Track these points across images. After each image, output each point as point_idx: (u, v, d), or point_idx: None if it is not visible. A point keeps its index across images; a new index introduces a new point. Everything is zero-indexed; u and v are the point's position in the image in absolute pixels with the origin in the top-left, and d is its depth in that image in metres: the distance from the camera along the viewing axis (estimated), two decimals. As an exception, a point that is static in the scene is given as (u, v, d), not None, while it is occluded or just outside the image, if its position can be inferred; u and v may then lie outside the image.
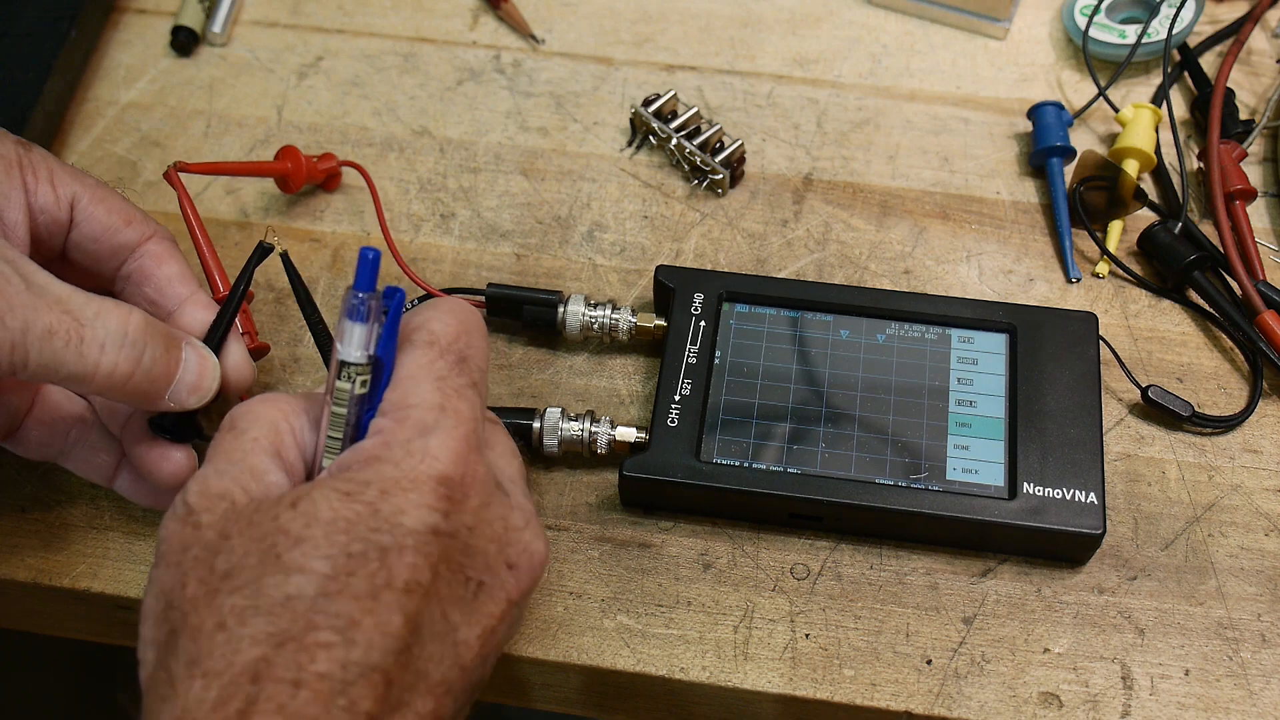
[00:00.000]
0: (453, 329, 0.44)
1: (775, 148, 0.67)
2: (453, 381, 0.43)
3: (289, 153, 0.62)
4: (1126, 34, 0.69)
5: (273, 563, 0.38)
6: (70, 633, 0.58)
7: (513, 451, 0.47)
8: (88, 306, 0.44)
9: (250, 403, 0.44)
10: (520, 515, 0.43)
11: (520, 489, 0.45)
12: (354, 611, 0.38)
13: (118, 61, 0.72)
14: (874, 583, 0.52)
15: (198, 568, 0.39)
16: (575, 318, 0.58)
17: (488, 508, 0.42)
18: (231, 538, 0.40)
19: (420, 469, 0.40)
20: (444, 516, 0.40)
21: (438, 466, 0.41)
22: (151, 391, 0.46)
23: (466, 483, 0.41)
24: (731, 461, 0.53)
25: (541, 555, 0.44)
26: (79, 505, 0.55)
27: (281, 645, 0.37)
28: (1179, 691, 0.50)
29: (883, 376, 0.55)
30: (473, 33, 0.73)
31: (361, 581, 0.38)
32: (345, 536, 0.39)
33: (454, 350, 0.44)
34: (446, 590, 0.40)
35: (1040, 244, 0.63)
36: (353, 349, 0.42)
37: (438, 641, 0.39)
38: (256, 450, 0.43)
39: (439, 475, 0.40)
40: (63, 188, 0.50)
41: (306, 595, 0.38)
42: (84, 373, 0.44)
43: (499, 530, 0.42)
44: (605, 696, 0.53)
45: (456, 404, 0.42)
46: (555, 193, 0.65)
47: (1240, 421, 0.56)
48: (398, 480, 0.40)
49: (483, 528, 0.42)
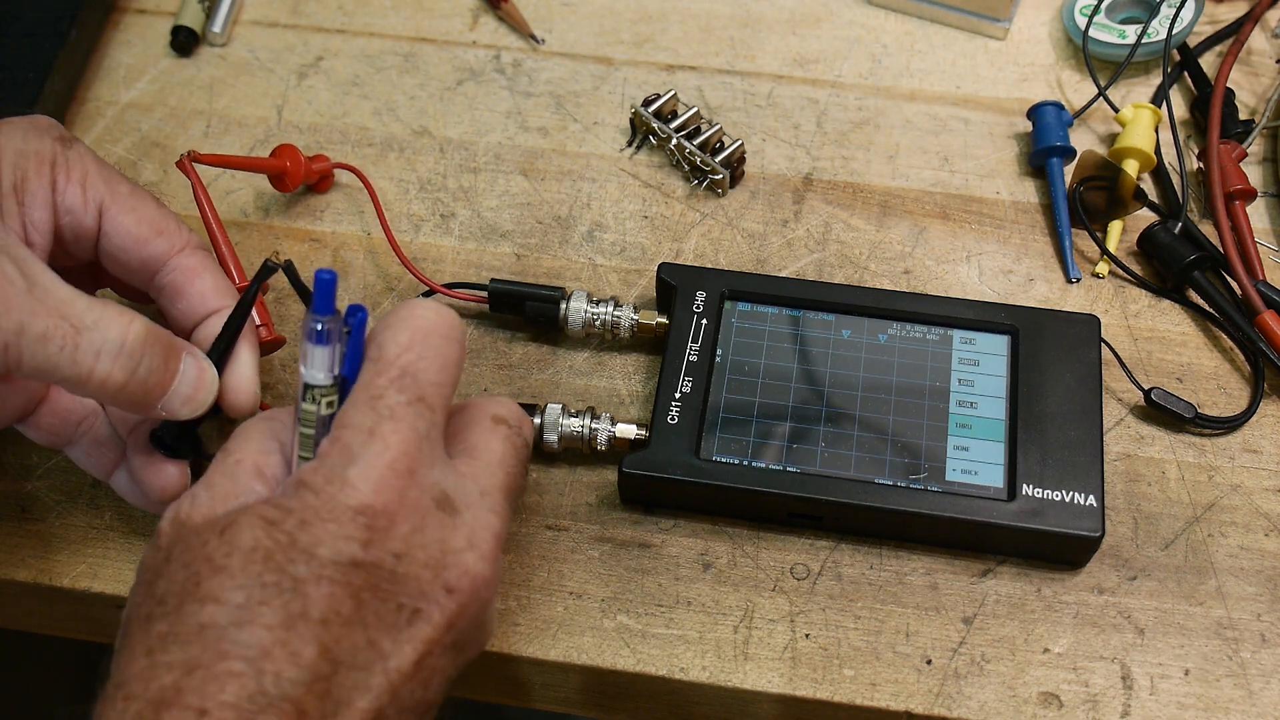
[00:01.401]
0: (404, 339, 0.43)
1: (775, 148, 0.67)
2: (390, 399, 0.42)
3: (287, 151, 0.62)
4: (1126, 34, 0.69)
5: (193, 590, 0.39)
6: (70, 633, 0.58)
7: (501, 460, 0.46)
8: (88, 313, 0.44)
9: (248, 422, 0.45)
10: (463, 535, 0.42)
11: (489, 502, 0.44)
12: (265, 641, 0.38)
13: (118, 61, 0.72)
14: (874, 583, 0.52)
15: (145, 590, 0.40)
16: (577, 314, 0.58)
17: (420, 532, 0.41)
18: (171, 561, 0.40)
19: (339, 498, 0.40)
20: (363, 546, 0.40)
21: (356, 496, 0.40)
22: (144, 400, 0.46)
23: (391, 510, 0.41)
24: (731, 460, 0.53)
25: (484, 576, 0.42)
26: (79, 505, 0.55)
27: (191, 672, 0.37)
28: (1179, 691, 0.50)
29: (883, 376, 0.55)
30: (473, 33, 0.73)
31: (274, 612, 0.38)
32: (261, 566, 0.39)
33: (398, 364, 0.43)
34: (374, 619, 0.40)
35: (1040, 244, 0.63)
36: (316, 371, 0.43)
37: (363, 670, 0.39)
38: (238, 472, 0.43)
39: (358, 505, 0.40)
40: (92, 192, 0.50)
41: (219, 624, 0.38)
42: (78, 378, 0.44)
43: (435, 554, 0.41)
44: (605, 696, 0.53)
45: (387, 426, 0.41)
46: (555, 193, 0.65)
47: (1242, 422, 0.56)
48: (317, 509, 0.40)
49: (415, 553, 0.41)
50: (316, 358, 0.43)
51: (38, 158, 0.49)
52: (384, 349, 0.43)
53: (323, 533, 0.40)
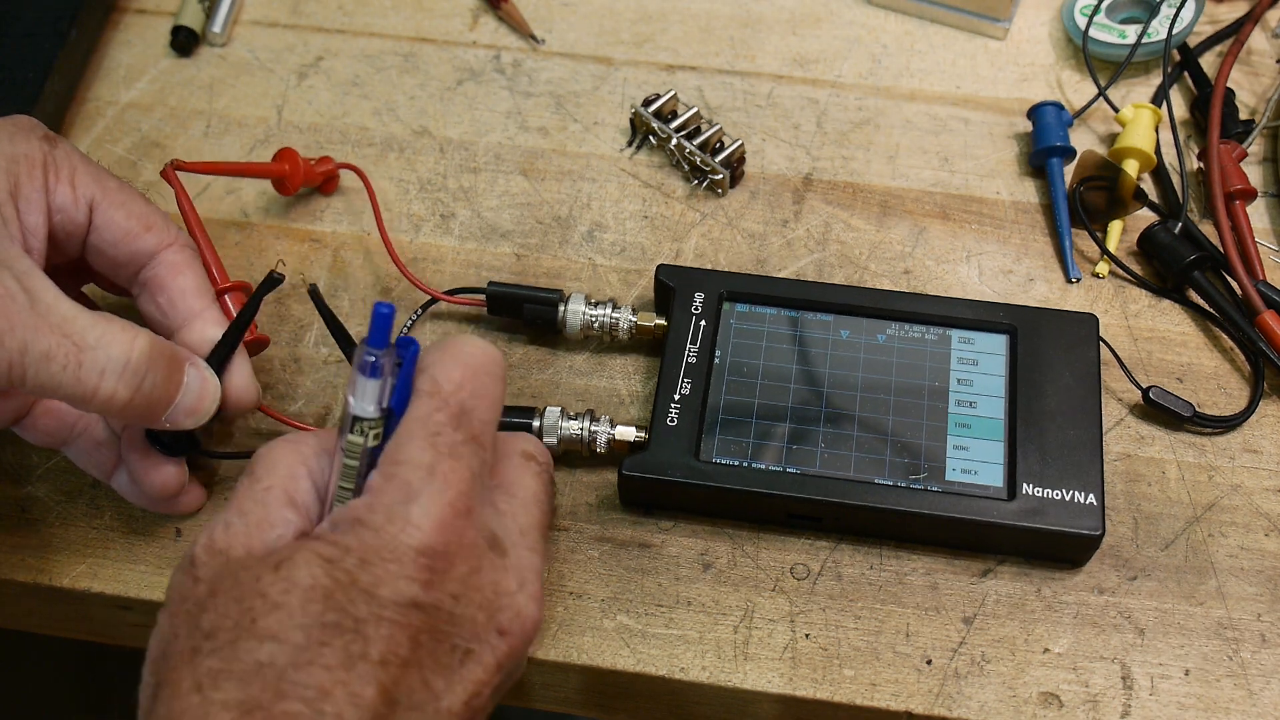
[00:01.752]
0: (457, 375, 0.43)
1: (775, 148, 0.67)
2: (448, 438, 0.42)
3: (287, 154, 0.62)
4: (1126, 34, 0.69)
5: (249, 627, 0.38)
6: (70, 633, 0.58)
7: (535, 497, 0.46)
8: (91, 330, 0.44)
9: (271, 446, 0.44)
10: (514, 577, 0.42)
11: (529, 541, 0.44)
12: (325, 682, 0.37)
13: (118, 61, 0.72)
14: (874, 583, 0.52)
15: (187, 623, 0.39)
16: (576, 316, 0.58)
17: (477, 574, 0.41)
18: (218, 595, 0.39)
19: (401, 539, 0.40)
20: (424, 588, 0.39)
21: (419, 537, 0.40)
22: (149, 414, 0.46)
23: (450, 552, 0.40)
24: (731, 461, 0.53)
25: (534, 618, 0.43)
26: (79, 505, 0.55)
27: (249, 713, 0.36)
28: (1179, 691, 0.50)
29: (882, 377, 0.55)
30: (473, 33, 0.73)
31: (335, 653, 0.38)
32: (321, 605, 0.38)
33: (455, 401, 0.42)
34: (429, 659, 0.39)
35: (1040, 244, 0.63)
36: (366, 404, 0.42)
37: (417, 710, 0.39)
38: (269, 499, 0.42)
39: (420, 546, 0.40)
40: (82, 189, 0.50)
41: (278, 664, 0.37)
42: (81, 395, 0.44)
43: (489, 596, 0.41)
44: (605, 696, 0.53)
45: (448, 464, 0.41)
46: (555, 193, 0.65)
47: (1240, 421, 0.56)
48: (378, 549, 0.39)
49: (471, 595, 0.41)
50: (367, 390, 0.42)
51: (28, 161, 0.48)
52: (439, 384, 0.42)
53: (384, 573, 0.39)
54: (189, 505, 0.54)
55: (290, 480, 0.43)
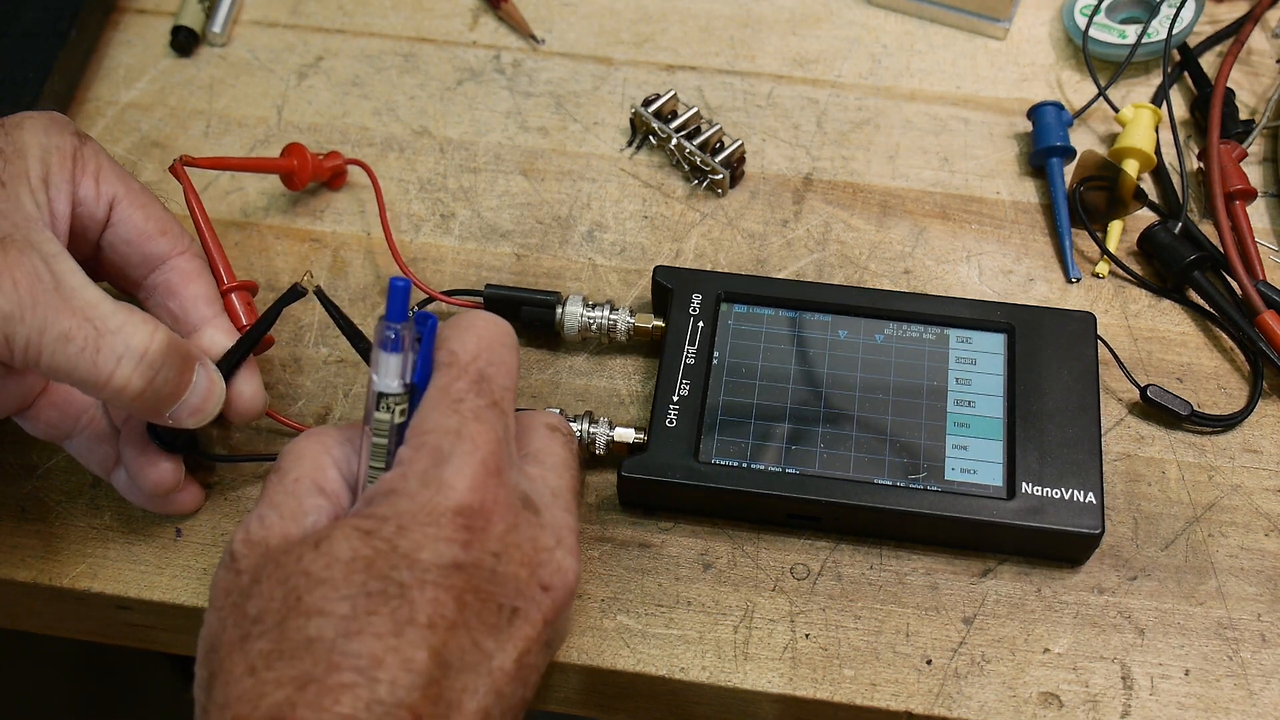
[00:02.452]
0: (472, 345, 0.44)
1: (775, 148, 0.67)
2: (471, 403, 0.42)
3: (295, 150, 0.62)
4: (1126, 34, 0.69)
5: (294, 605, 0.39)
6: (70, 633, 0.58)
7: (565, 463, 0.46)
8: (114, 317, 0.44)
9: (295, 442, 0.45)
10: (551, 534, 0.43)
11: (562, 503, 0.45)
12: (376, 650, 0.37)
13: (118, 61, 0.72)
14: (874, 583, 0.52)
15: (234, 613, 0.40)
16: (573, 319, 0.58)
17: (514, 530, 0.41)
18: (261, 581, 0.40)
19: (437, 501, 0.40)
20: (464, 548, 0.40)
21: (454, 497, 0.40)
22: (156, 408, 0.46)
23: (487, 509, 0.41)
24: (730, 462, 0.53)
25: (574, 572, 0.43)
26: (79, 505, 0.55)
27: (304, 687, 0.37)
28: (1179, 691, 0.50)
29: (881, 377, 0.55)
30: (473, 33, 0.73)
31: (383, 620, 0.38)
32: (364, 575, 0.39)
33: (473, 369, 0.43)
34: (476, 620, 0.40)
35: (1040, 244, 0.63)
36: (389, 379, 0.42)
37: (470, 672, 0.39)
38: (299, 490, 0.43)
39: (456, 506, 0.40)
40: (105, 185, 0.51)
41: (327, 637, 0.38)
42: (96, 381, 0.44)
43: (529, 552, 0.42)
44: (605, 696, 0.53)
45: (474, 427, 0.42)
46: (555, 193, 0.65)
47: (1239, 421, 0.56)
48: (414, 514, 0.40)
49: (511, 552, 0.41)
50: (390, 365, 0.42)
51: (60, 152, 0.49)
52: (456, 354, 0.43)
53: (422, 537, 0.39)
54: (186, 505, 0.54)
55: (317, 470, 0.44)
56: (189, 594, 0.53)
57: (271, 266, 0.63)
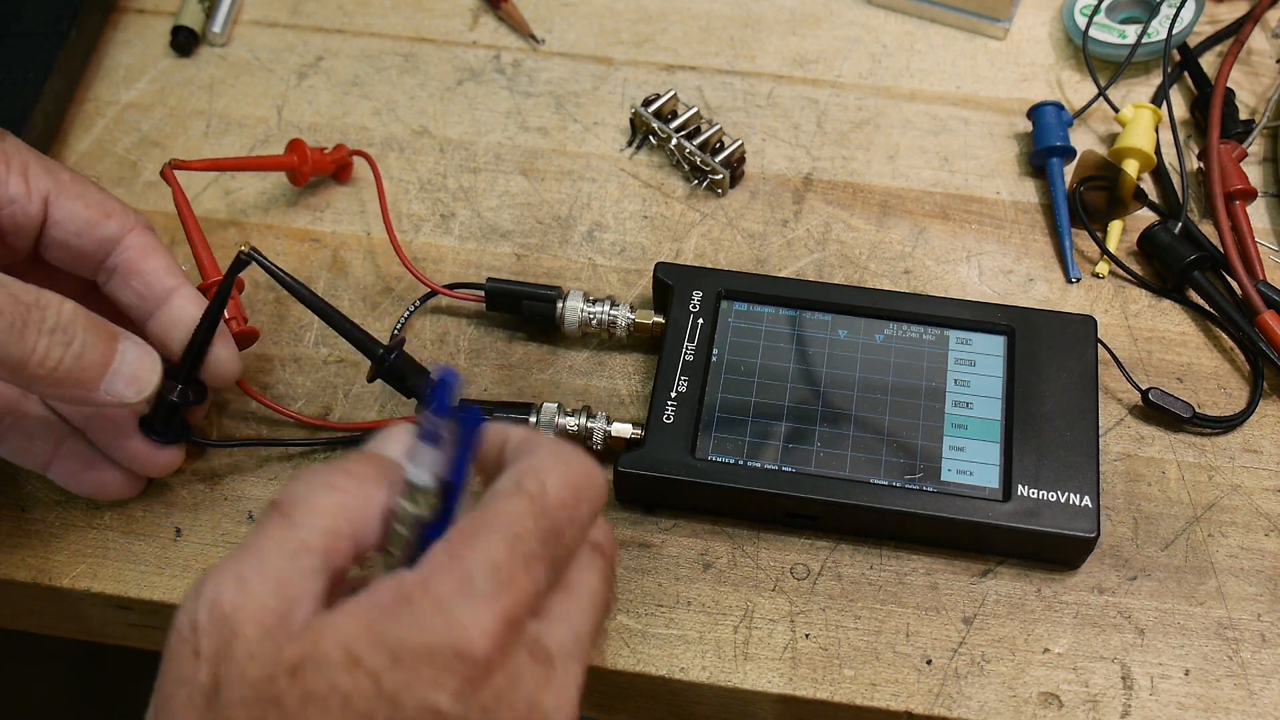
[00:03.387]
0: (567, 495, 0.39)
1: (775, 148, 0.67)
2: (529, 548, 0.38)
3: (296, 146, 0.63)
4: (1126, 34, 0.69)
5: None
6: (70, 633, 0.58)
7: (596, 598, 0.41)
8: (27, 291, 0.44)
9: (313, 484, 0.39)
10: (554, 695, 0.38)
11: (580, 652, 0.40)
12: None
13: (118, 61, 0.72)
14: (874, 583, 0.52)
15: (185, 712, 0.36)
16: (574, 313, 0.58)
17: (513, 689, 0.37)
18: (222, 690, 0.35)
19: (443, 637, 0.36)
20: (453, 697, 0.36)
21: (463, 641, 0.36)
22: (84, 380, 0.45)
23: (492, 663, 0.36)
24: (727, 459, 0.53)
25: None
26: (79, 505, 0.55)
27: None
28: (1179, 691, 0.50)
29: (880, 377, 0.55)
30: (473, 33, 0.73)
31: None
32: (339, 714, 0.35)
33: (552, 519, 0.39)
34: None
35: (1040, 244, 0.63)
36: (422, 472, 0.39)
37: None
38: (301, 559, 0.37)
39: (460, 650, 0.36)
40: (36, 181, 0.49)
41: None
42: (21, 357, 0.43)
43: (522, 712, 0.37)
44: (605, 696, 0.53)
45: (519, 573, 0.37)
46: (555, 193, 0.65)
47: (1240, 422, 0.56)
48: (414, 646, 0.36)
49: (501, 710, 0.37)
50: (425, 458, 0.39)
51: None
52: (546, 493, 0.39)
53: (414, 677, 0.35)
54: (166, 467, 0.53)
55: (330, 538, 0.38)
56: (189, 594, 0.53)
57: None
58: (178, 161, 0.57)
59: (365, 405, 0.58)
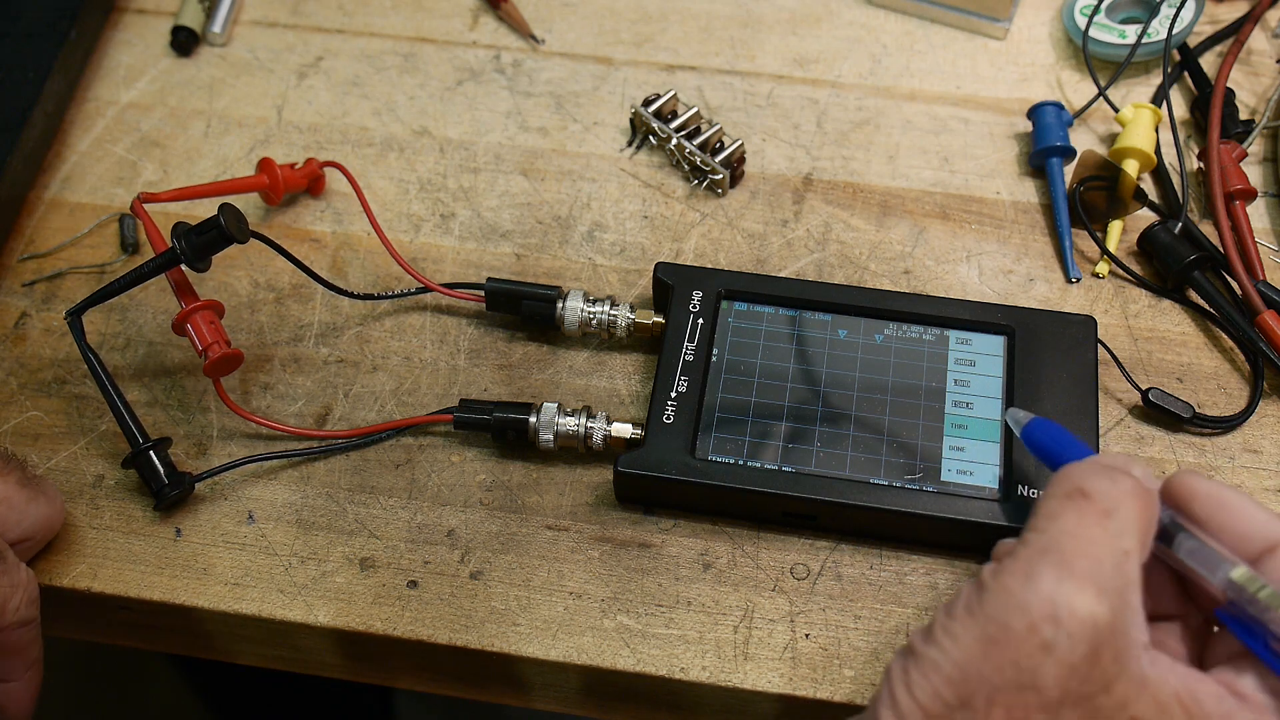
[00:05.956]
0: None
1: (775, 148, 0.67)
2: None
3: (265, 165, 0.62)
4: (1126, 34, 0.69)
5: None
6: (70, 633, 0.58)
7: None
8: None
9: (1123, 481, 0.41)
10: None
11: None
12: None
13: (118, 61, 0.72)
14: (874, 583, 0.52)
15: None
16: (574, 313, 0.58)
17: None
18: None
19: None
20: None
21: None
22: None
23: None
24: (726, 459, 0.53)
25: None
26: (79, 505, 0.55)
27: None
28: (1178, 691, 0.50)
29: (880, 377, 0.55)
30: (473, 33, 0.73)
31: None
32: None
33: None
34: None
35: (1040, 244, 0.63)
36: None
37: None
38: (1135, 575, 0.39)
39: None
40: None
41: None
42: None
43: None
44: (605, 696, 0.53)
45: None
46: (555, 193, 0.65)
47: (1240, 422, 0.56)
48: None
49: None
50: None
51: None
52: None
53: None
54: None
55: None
56: (189, 594, 0.53)
57: (272, 266, 0.63)
58: (146, 195, 0.57)
59: (365, 405, 0.58)
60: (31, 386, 0.59)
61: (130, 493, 0.55)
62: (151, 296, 0.62)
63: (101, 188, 0.66)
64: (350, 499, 0.55)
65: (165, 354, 0.60)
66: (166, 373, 0.59)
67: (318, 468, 0.56)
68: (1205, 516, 0.41)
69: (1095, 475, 0.40)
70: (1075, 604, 0.37)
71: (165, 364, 0.60)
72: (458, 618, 0.52)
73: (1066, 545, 0.38)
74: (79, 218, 0.65)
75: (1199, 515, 0.41)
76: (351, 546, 0.54)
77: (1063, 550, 0.38)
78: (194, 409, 0.58)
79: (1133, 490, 0.40)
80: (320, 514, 0.55)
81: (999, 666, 0.37)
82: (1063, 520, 0.39)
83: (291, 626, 0.52)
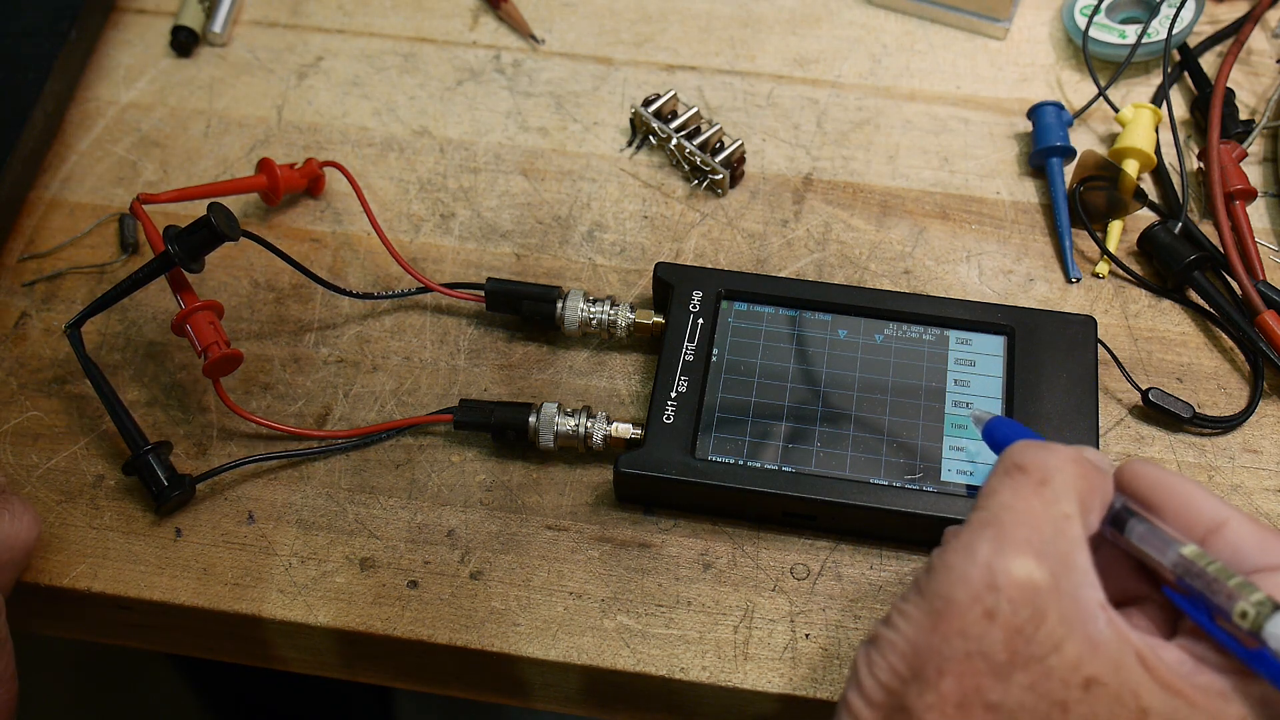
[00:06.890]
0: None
1: (775, 148, 0.67)
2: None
3: (265, 165, 0.62)
4: (1126, 34, 0.69)
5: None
6: (70, 633, 0.58)
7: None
8: None
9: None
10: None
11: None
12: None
13: (118, 61, 0.72)
14: (874, 583, 0.52)
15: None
16: (574, 313, 0.58)
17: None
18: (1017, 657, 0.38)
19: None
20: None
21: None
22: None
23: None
24: (726, 459, 0.53)
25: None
26: (79, 505, 0.55)
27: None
28: (1178, 691, 0.50)
29: (880, 377, 0.55)
30: (473, 33, 0.73)
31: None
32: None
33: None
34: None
35: (1040, 244, 0.63)
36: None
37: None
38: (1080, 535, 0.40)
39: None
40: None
41: None
42: None
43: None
44: (605, 696, 0.53)
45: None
46: (555, 193, 0.65)
47: (1240, 422, 0.56)
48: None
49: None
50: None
51: None
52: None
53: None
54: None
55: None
56: (189, 594, 0.53)
57: (271, 266, 0.63)
58: (146, 195, 0.57)
59: (365, 405, 0.58)
60: (31, 386, 0.59)
61: (130, 493, 0.55)
62: (151, 297, 0.62)
63: (101, 188, 0.66)
64: (350, 499, 0.55)
65: (165, 354, 0.60)
66: (166, 373, 0.59)
67: (318, 468, 0.56)
68: (1156, 502, 0.42)
69: (1031, 450, 0.42)
70: (1012, 569, 0.38)
71: (165, 364, 0.60)
72: (458, 618, 0.52)
73: (1004, 517, 0.40)
74: (79, 218, 0.65)
75: (1150, 501, 0.42)
76: (351, 546, 0.54)
77: (1001, 522, 0.39)
78: (194, 409, 0.58)
79: (1069, 457, 0.41)
80: (320, 514, 0.55)
81: (946, 637, 0.38)
82: (1001, 494, 0.40)
83: (291, 626, 0.52)
